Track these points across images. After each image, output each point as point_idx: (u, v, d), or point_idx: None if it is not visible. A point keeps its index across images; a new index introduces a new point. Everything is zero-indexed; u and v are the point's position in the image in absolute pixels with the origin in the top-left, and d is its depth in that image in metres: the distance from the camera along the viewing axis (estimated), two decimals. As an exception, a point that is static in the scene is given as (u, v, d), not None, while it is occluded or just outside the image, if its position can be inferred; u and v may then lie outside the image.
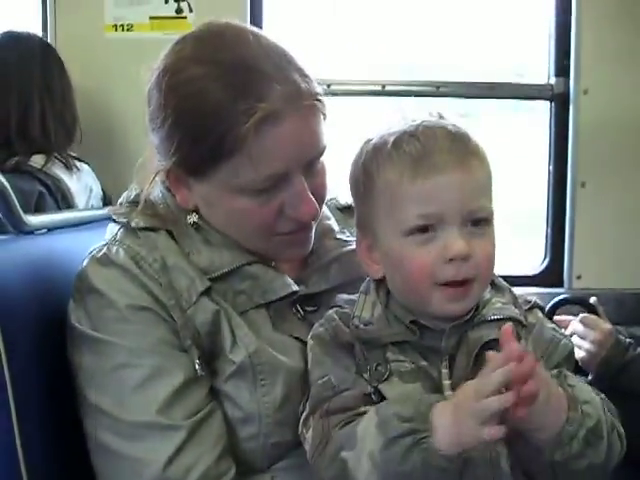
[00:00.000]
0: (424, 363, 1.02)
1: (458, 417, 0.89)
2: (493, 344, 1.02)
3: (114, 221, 1.17)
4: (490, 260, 1.03)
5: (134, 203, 1.18)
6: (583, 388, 0.99)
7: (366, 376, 1.02)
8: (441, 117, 1.06)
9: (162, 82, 1.08)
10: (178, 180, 1.13)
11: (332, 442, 0.99)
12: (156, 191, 1.18)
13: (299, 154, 1.07)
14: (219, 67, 1.05)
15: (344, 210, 1.30)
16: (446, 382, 1.01)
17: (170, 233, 1.14)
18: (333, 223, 1.25)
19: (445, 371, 1.01)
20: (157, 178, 1.17)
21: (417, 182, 1.00)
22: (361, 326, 1.05)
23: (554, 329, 1.11)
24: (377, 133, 1.06)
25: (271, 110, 1.03)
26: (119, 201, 1.22)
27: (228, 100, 1.03)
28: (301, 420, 1.06)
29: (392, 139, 1.03)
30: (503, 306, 1.07)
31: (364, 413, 0.98)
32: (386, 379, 1.01)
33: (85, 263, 1.13)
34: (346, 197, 1.29)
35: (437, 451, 0.90)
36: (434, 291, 1.01)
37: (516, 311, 1.07)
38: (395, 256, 1.03)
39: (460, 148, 1.01)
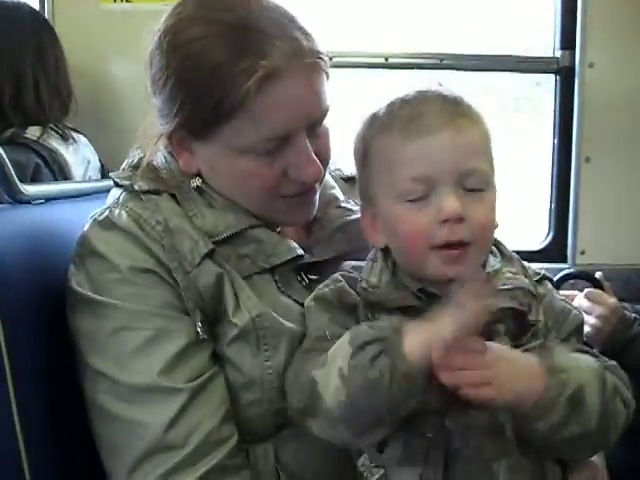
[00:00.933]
0: None
1: (430, 326, 0.92)
2: (500, 313, 1.01)
3: (117, 185, 1.16)
4: (487, 224, 1.02)
5: (137, 168, 1.17)
6: (564, 357, 0.99)
7: None
8: (441, 85, 1.05)
9: (163, 43, 1.07)
10: (181, 143, 1.12)
11: (305, 367, 1.00)
12: (159, 156, 1.17)
13: (302, 113, 1.06)
14: (220, 26, 1.04)
15: (348, 180, 1.30)
16: None
17: (173, 196, 1.13)
18: (337, 192, 1.24)
19: None
20: (160, 143, 1.16)
21: (407, 144, 1.00)
22: (369, 289, 1.05)
23: (564, 300, 1.11)
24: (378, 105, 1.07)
25: (273, 68, 1.02)
26: (122, 166, 1.21)
27: (229, 59, 1.02)
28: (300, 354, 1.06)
29: (385, 105, 1.04)
30: (513, 276, 1.05)
31: None
32: None
33: (87, 227, 1.12)
34: (350, 168, 1.28)
35: (405, 355, 0.91)
36: (430, 254, 1.00)
37: (526, 281, 1.06)
38: (392, 221, 1.04)
39: (450, 109, 1.01)
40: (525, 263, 1.12)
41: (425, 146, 0.99)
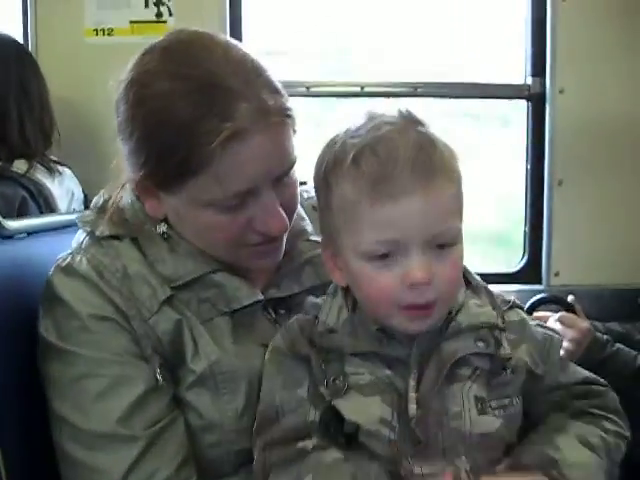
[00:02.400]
0: (388, 372, 0.99)
1: None
2: (467, 358, 1.00)
3: (81, 228, 1.18)
4: (453, 283, 0.99)
5: (102, 210, 1.17)
6: (573, 449, 1.00)
7: (323, 389, 1.00)
8: (410, 115, 0.98)
9: (129, 95, 1.06)
10: (147, 191, 1.12)
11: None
12: (125, 197, 1.17)
13: (267, 171, 1.06)
14: (185, 83, 1.03)
15: None
16: (412, 395, 0.98)
17: (135, 240, 1.13)
18: (307, 224, 1.23)
19: (413, 383, 0.98)
20: (127, 185, 1.16)
21: (376, 207, 0.93)
22: (325, 334, 1.03)
23: (540, 325, 1.10)
24: (341, 134, 1.00)
25: (237, 129, 1.01)
26: (90, 207, 1.22)
27: (194, 119, 1.01)
28: (253, 431, 1.06)
29: (352, 153, 0.95)
30: (478, 310, 1.03)
31: (302, 451, 0.99)
32: (344, 393, 0.99)
33: (51, 272, 1.13)
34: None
35: None
36: (395, 313, 0.97)
37: (493, 313, 1.03)
38: (354, 276, 1.00)
39: (423, 165, 0.93)
40: (495, 288, 1.09)
41: (395, 211, 0.93)
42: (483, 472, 0.98)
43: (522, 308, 1.11)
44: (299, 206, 1.20)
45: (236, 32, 2.21)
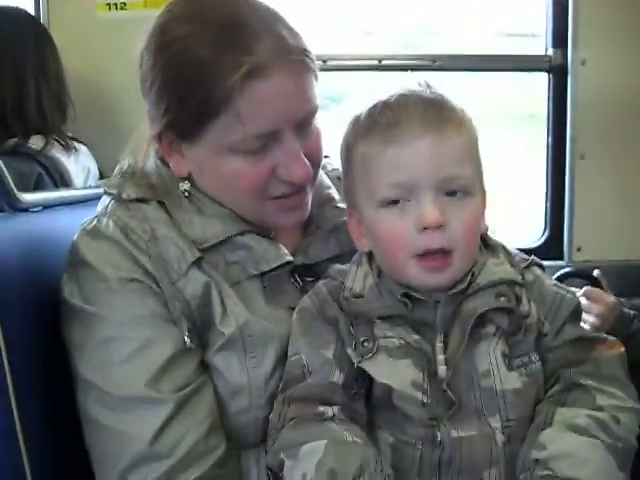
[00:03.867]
0: (416, 337, 1.00)
1: None
2: (488, 314, 1.00)
3: (106, 193, 1.17)
4: (469, 230, 1.01)
5: (127, 174, 1.17)
6: (557, 440, 0.96)
7: (351, 351, 1.01)
8: (428, 86, 1.04)
9: (151, 43, 1.08)
10: (170, 145, 1.12)
11: (281, 437, 1.00)
12: (150, 162, 1.16)
13: (288, 111, 1.06)
14: (206, 25, 1.04)
15: None
16: (440, 357, 0.99)
17: (162, 204, 1.13)
18: (333, 192, 1.23)
19: (440, 345, 0.99)
20: (151, 150, 1.16)
21: (387, 151, 0.99)
22: (351, 298, 1.04)
23: (556, 285, 1.09)
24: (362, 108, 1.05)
25: (257, 63, 1.02)
26: (114, 173, 1.21)
27: (214, 55, 1.03)
28: (279, 390, 1.05)
29: (367, 109, 1.03)
30: (496, 268, 1.04)
31: (321, 415, 0.98)
32: (373, 355, 1.00)
33: (76, 236, 1.12)
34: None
35: None
36: (412, 263, 1.00)
37: (511, 270, 1.05)
38: (373, 228, 1.03)
39: (432, 115, 0.99)
40: (512, 249, 1.10)
41: (404, 153, 0.98)
42: (516, 430, 0.99)
43: (541, 266, 1.11)
44: (324, 175, 1.21)
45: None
